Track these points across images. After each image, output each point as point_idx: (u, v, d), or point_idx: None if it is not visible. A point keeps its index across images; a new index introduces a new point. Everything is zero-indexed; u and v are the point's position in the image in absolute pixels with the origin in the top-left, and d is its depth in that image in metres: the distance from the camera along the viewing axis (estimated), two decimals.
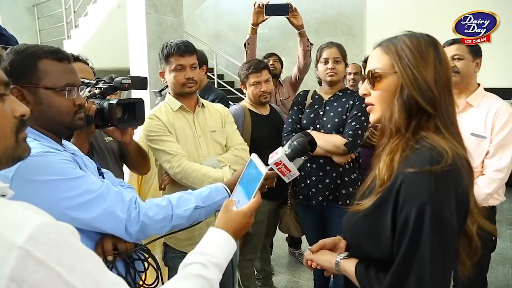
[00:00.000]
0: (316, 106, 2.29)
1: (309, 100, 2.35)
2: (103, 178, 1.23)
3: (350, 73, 3.91)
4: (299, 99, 2.39)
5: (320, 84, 2.40)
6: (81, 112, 1.13)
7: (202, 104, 1.94)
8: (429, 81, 0.91)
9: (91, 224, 1.01)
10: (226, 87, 6.97)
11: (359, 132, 2.14)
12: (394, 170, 0.91)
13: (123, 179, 1.79)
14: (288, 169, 1.14)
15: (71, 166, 1.01)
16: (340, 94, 2.28)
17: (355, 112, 2.17)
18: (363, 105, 2.18)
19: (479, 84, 2.03)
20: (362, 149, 2.55)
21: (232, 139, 1.95)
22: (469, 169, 0.92)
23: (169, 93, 1.92)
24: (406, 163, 0.89)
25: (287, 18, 2.74)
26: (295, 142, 1.15)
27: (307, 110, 2.31)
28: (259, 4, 2.69)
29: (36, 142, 1.00)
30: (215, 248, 0.91)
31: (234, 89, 7.03)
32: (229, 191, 1.23)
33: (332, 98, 2.28)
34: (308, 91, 2.41)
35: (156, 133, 1.76)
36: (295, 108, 2.36)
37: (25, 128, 0.76)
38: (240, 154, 1.90)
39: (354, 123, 2.15)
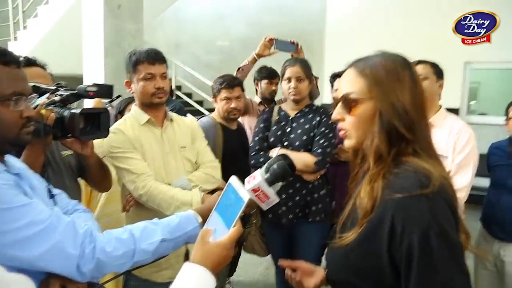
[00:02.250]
0: (282, 123, 2.26)
1: (275, 116, 2.31)
2: (54, 201, 1.08)
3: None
4: (265, 116, 2.34)
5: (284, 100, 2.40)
6: (30, 126, 0.97)
7: (171, 118, 1.81)
8: (407, 105, 0.87)
9: (34, 263, 0.85)
10: (183, 98, 6.84)
11: (328, 149, 2.14)
12: (377, 198, 0.85)
13: (81, 198, 1.62)
14: (267, 196, 1.02)
15: (12, 193, 0.85)
16: (306, 110, 2.26)
17: (323, 129, 2.16)
18: (330, 122, 2.19)
19: (440, 106, 2.10)
20: (329, 166, 2.56)
21: (202, 155, 1.84)
22: (453, 189, 0.89)
23: (135, 104, 1.78)
24: (391, 189, 0.83)
25: (291, 54, 2.77)
26: (274, 166, 1.04)
27: (274, 127, 2.27)
28: (270, 38, 2.75)
29: None
30: None
31: (192, 100, 6.91)
32: (200, 219, 1.10)
33: (298, 115, 2.26)
34: (273, 107, 2.38)
35: (120, 150, 1.61)
36: (262, 125, 2.31)
37: None
38: (211, 173, 1.79)
39: (322, 140, 2.14)
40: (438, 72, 2.06)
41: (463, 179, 1.92)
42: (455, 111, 5.16)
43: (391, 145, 0.88)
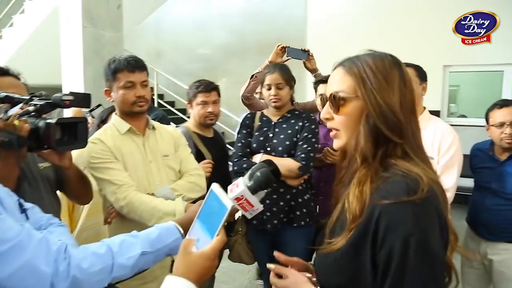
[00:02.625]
0: (265, 129, 2.25)
1: (257, 122, 2.30)
2: (26, 216, 1.02)
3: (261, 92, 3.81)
4: (247, 121, 2.33)
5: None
6: None
7: (153, 126, 1.77)
8: (394, 106, 0.85)
9: (5, 284, 0.80)
10: (166, 107, 6.77)
11: (311, 154, 2.15)
12: (366, 202, 0.83)
13: (60, 212, 1.55)
14: (251, 204, 0.99)
15: None
16: (289, 115, 2.26)
17: (306, 134, 2.16)
18: (313, 127, 2.19)
19: (424, 108, 2.13)
20: (312, 170, 2.56)
21: (186, 163, 1.81)
22: (443, 192, 0.88)
23: (116, 113, 1.73)
24: (379, 194, 0.81)
25: (303, 62, 2.83)
26: (258, 173, 1.01)
27: (256, 133, 2.26)
28: (282, 46, 2.76)
29: None
30: None
31: (174, 109, 6.85)
32: (182, 230, 1.05)
33: (280, 120, 2.25)
34: (255, 113, 2.36)
35: (100, 160, 1.56)
36: (244, 131, 2.29)
37: None
38: (195, 181, 1.76)
39: (305, 145, 2.14)
40: (421, 75, 2.10)
41: (449, 180, 1.94)
42: (436, 113, 5.25)
43: (378, 146, 0.87)
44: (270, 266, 1.06)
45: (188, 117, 2.67)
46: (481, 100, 6.20)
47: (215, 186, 0.94)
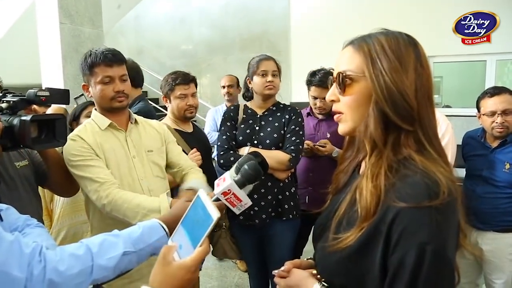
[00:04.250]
0: (250, 121, 2.22)
1: (241, 115, 2.26)
2: (1, 218, 0.96)
3: (224, 86, 3.72)
4: (231, 114, 2.28)
5: (247, 98, 2.34)
6: None
7: (136, 121, 1.71)
8: (406, 90, 0.77)
9: None
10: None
11: (300, 146, 2.15)
12: (381, 198, 0.76)
13: (41, 211, 1.50)
14: (239, 199, 0.98)
15: None
16: (274, 108, 2.24)
17: (293, 126, 2.16)
18: (299, 120, 2.19)
19: None
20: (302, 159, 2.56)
21: (184, 161, 1.79)
22: (459, 190, 0.79)
23: (95, 109, 1.67)
24: (396, 195, 0.74)
25: None
26: (245, 166, 0.99)
27: (242, 126, 2.22)
28: None
29: None
30: None
31: (159, 106, 6.76)
32: (166, 228, 1.00)
33: (266, 113, 2.23)
34: (238, 106, 2.32)
35: (80, 157, 1.49)
36: (228, 124, 2.25)
37: None
38: (203, 177, 1.76)
39: (294, 137, 2.13)
40: None
41: None
42: None
43: (388, 133, 0.79)
44: (274, 272, 0.98)
45: None
46: (465, 90, 6.28)
47: (202, 193, 0.87)
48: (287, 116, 2.19)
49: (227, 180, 0.98)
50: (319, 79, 2.42)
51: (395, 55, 0.79)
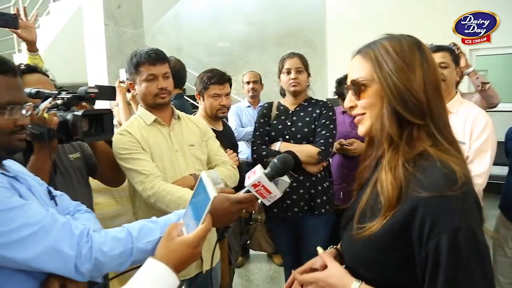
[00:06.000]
0: (282, 117, 2.28)
1: (274, 111, 2.32)
2: (55, 202, 1.08)
3: (248, 82, 3.68)
4: (265, 111, 2.35)
5: (282, 95, 2.38)
6: (23, 133, 0.97)
7: (178, 116, 1.81)
8: (415, 87, 0.84)
9: (30, 265, 0.84)
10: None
11: (330, 140, 2.17)
12: (402, 188, 0.82)
13: (91, 199, 1.63)
14: (268, 191, 1.02)
15: (4, 195, 0.85)
16: (305, 103, 2.28)
17: (324, 120, 2.18)
18: (330, 113, 2.21)
19: (456, 92, 2.08)
20: (332, 157, 2.57)
21: (220, 156, 1.86)
22: (472, 182, 0.85)
23: (141, 105, 1.78)
24: (418, 185, 0.80)
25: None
26: (275, 160, 1.04)
27: (274, 122, 2.28)
28: None
29: None
30: (151, 286, 0.80)
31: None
32: None
33: (298, 108, 2.28)
34: (272, 103, 2.38)
35: (128, 151, 1.61)
36: (262, 120, 2.32)
37: None
38: (233, 170, 1.82)
39: (324, 131, 2.16)
40: (455, 59, 2.06)
41: (481, 165, 1.89)
42: None
43: (402, 128, 0.86)
44: (319, 249, 1.05)
45: None
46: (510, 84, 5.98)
47: (204, 175, 0.94)
48: (318, 111, 2.22)
49: (257, 172, 1.03)
50: (345, 90, 2.42)
51: (400, 56, 0.86)
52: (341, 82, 2.53)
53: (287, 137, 2.21)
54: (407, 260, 0.82)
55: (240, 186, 1.40)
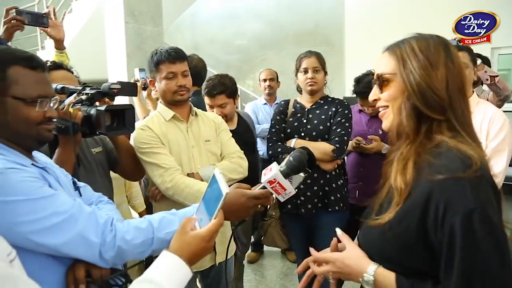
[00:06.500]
0: (298, 115, 2.30)
1: (290, 109, 2.35)
2: (79, 193, 1.14)
3: (265, 80, 3.69)
4: (281, 108, 2.38)
5: (299, 92, 2.40)
6: (50, 124, 1.03)
7: (196, 113, 1.87)
8: (436, 85, 0.87)
9: (59, 250, 0.90)
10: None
11: (345, 138, 2.18)
12: (410, 176, 0.87)
13: (112, 192, 1.69)
14: (283, 188, 1.06)
15: (36, 185, 0.90)
16: (322, 101, 2.30)
17: (339, 118, 2.20)
18: (346, 112, 2.22)
19: (473, 91, 2.07)
20: (348, 155, 2.57)
21: (228, 147, 1.88)
22: (489, 171, 0.88)
23: (161, 102, 1.84)
24: (433, 169, 0.83)
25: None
26: (290, 158, 1.08)
27: (290, 119, 2.31)
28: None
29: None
30: (165, 277, 0.84)
31: None
32: None
33: (314, 106, 2.29)
34: (289, 100, 2.41)
35: (148, 145, 1.67)
36: (278, 117, 2.35)
37: None
38: (237, 162, 1.84)
39: (339, 129, 2.17)
40: (473, 59, 2.05)
41: (498, 165, 1.88)
42: None
43: (421, 123, 0.90)
44: (338, 230, 1.10)
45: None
46: None
47: (217, 172, 0.98)
48: (333, 109, 2.23)
49: (273, 170, 1.07)
50: (363, 89, 2.43)
51: (424, 54, 0.90)
52: (359, 80, 2.53)
53: (302, 134, 2.24)
54: (421, 248, 0.84)
55: (253, 179, 1.43)
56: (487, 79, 2.68)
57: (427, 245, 0.83)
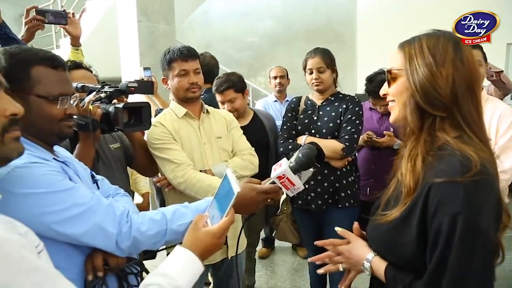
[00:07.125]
0: (309, 112, 2.31)
1: (302, 106, 2.36)
2: (97, 186, 1.20)
3: (276, 77, 3.71)
4: (292, 105, 2.39)
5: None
6: (70, 120, 1.08)
7: (207, 110, 1.91)
8: (439, 83, 0.88)
9: (80, 240, 0.96)
10: None
11: (355, 135, 2.17)
12: (419, 176, 0.89)
13: (129, 187, 1.75)
14: (292, 183, 1.09)
15: (57, 178, 0.95)
16: (332, 98, 2.29)
17: (349, 116, 2.19)
18: (357, 109, 2.21)
19: (482, 88, 2.07)
20: (359, 151, 2.58)
21: (239, 144, 1.93)
22: (496, 171, 0.90)
23: (173, 99, 1.89)
24: (433, 172, 0.86)
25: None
26: (299, 154, 1.10)
27: (301, 116, 2.32)
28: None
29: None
30: (179, 271, 0.88)
31: None
32: None
33: (324, 103, 2.30)
34: (300, 97, 2.42)
35: (161, 141, 1.72)
36: (289, 115, 2.37)
37: (16, 128, 0.77)
38: (249, 159, 1.88)
39: (349, 127, 2.17)
40: (485, 57, 2.07)
41: (507, 161, 1.89)
42: None
43: (423, 119, 0.92)
44: (338, 228, 1.17)
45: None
46: None
47: (229, 171, 1.02)
48: (344, 106, 2.22)
49: (282, 165, 1.10)
50: (375, 88, 2.42)
51: (431, 52, 0.91)
52: (371, 79, 2.53)
53: (313, 131, 2.25)
54: (424, 246, 0.87)
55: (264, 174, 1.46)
56: (492, 75, 2.69)
57: (425, 246, 0.87)
